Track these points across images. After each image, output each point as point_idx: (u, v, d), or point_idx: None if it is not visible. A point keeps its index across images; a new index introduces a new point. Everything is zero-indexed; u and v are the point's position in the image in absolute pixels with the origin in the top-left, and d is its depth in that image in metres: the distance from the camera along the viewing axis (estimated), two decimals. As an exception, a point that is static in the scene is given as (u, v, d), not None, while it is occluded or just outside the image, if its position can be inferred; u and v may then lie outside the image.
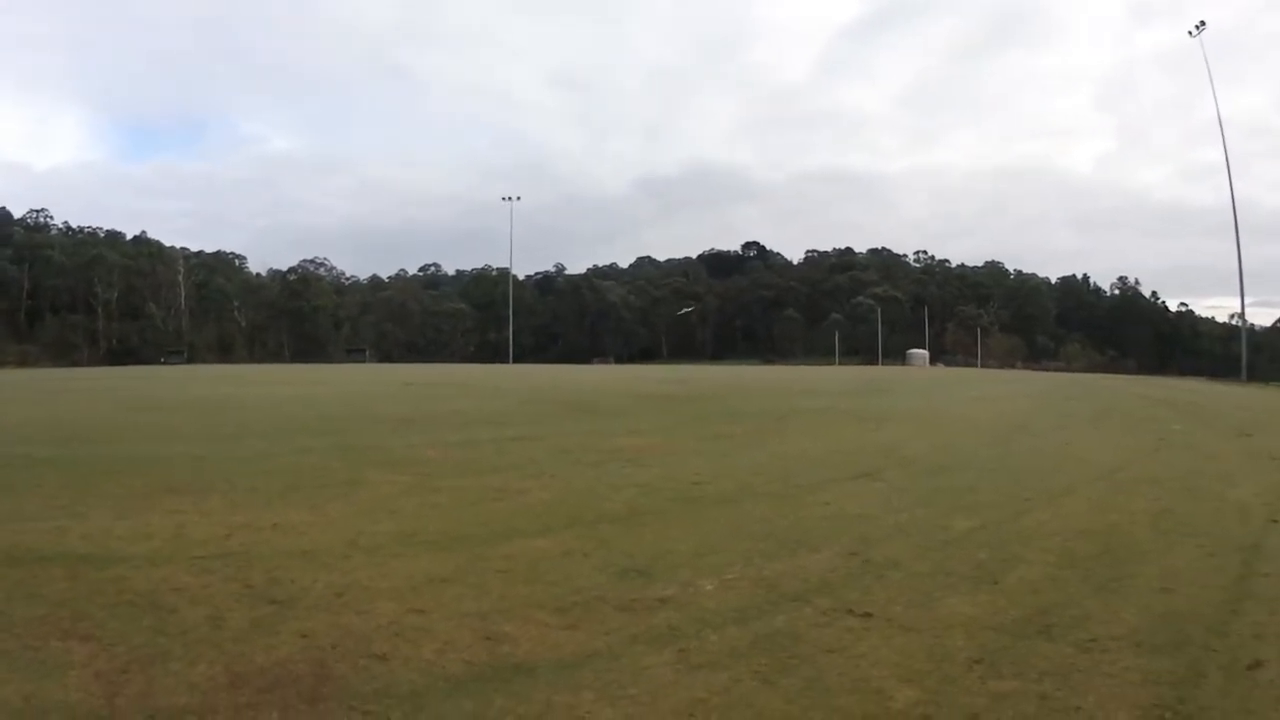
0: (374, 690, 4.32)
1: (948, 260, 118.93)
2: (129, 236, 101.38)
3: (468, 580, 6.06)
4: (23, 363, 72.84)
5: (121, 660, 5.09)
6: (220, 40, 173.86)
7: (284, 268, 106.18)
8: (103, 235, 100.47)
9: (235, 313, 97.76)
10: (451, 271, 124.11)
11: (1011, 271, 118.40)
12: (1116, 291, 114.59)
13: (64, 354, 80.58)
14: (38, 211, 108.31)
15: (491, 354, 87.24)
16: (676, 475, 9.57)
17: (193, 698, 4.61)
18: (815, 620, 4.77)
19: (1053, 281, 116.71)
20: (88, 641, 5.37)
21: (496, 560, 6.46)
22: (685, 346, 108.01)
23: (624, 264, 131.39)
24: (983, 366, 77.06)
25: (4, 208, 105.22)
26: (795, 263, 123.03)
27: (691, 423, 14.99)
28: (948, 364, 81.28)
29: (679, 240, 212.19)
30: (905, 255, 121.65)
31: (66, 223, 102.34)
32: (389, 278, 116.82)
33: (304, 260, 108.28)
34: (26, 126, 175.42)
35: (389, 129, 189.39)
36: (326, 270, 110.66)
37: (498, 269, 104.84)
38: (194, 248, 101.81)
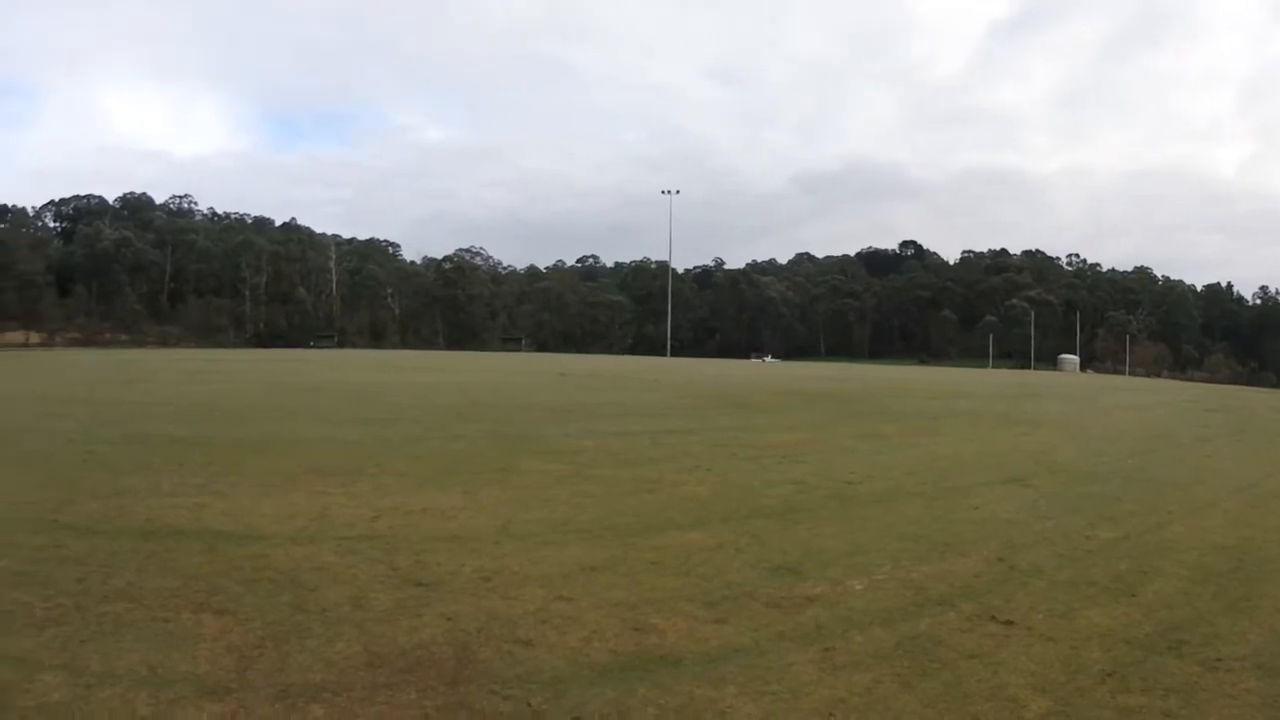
0: (516, 675, 7.00)
1: (1099, 264, 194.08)
2: (278, 223, 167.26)
3: (618, 570, 9.69)
4: (164, 343, 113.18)
5: (256, 635, 8.38)
6: (369, 32, 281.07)
7: (439, 256, 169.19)
8: (250, 221, 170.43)
9: (389, 299, 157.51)
10: (610, 263, 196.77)
11: (1159, 277, 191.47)
12: (1258, 301, 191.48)
13: (207, 335, 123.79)
14: (180, 197, 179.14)
15: (649, 347, 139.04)
16: (830, 473, 14.82)
17: (328, 675, 7.52)
18: (958, 625, 7.69)
19: (1198, 289, 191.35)
20: (221, 615, 8.90)
21: (648, 551, 10.30)
22: (842, 345, 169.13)
23: (783, 259, 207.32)
24: (1130, 374, 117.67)
25: (145, 193, 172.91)
26: (951, 262, 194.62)
27: (846, 421, 22.87)
28: (1096, 370, 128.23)
29: (838, 237, 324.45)
30: (1058, 258, 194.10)
31: (211, 209, 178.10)
32: (547, 268, 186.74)
33: (460, 249, 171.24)
34: (167, 116, 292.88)
35: (544, 121, 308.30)
36: (483, 259, 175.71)
37: (656, 262, 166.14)
38: (346, 235, 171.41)
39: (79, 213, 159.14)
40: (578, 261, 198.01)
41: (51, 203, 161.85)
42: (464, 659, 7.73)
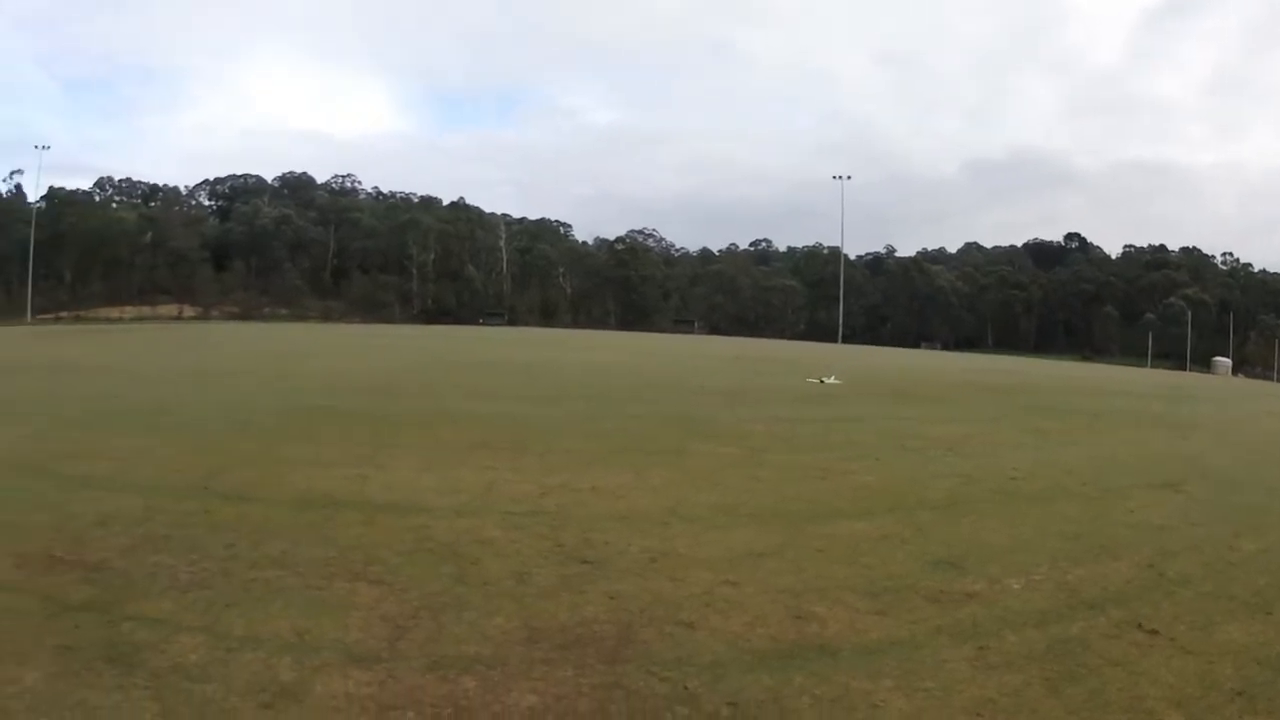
0: (676, 657, 7.69)
1: (1250, 264, 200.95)
2: (445, 203, 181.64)
3: (785, 556, 10.55)
4: (327, 318, 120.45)
5: (412, 606, 9.05)
6: (535, 14, 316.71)
7: (611, 237, 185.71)
8: (416, 200, 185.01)
9: (560, 278, 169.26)
10: (782, 248, 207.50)
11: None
12: None
13: (372, 311, 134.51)
14: (343, 177, 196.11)
15: (821, 332, 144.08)
16: (994, 467, 16.01)
17: (484, 648, 8.08)
18: (1107, 631, 8.31)
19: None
20: (377, 585, 9.65)
21: (815, 539, 11.24)
22: (1008, 337, 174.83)
23: (952, 248, 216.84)
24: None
25: (305, 173, 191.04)
26: (1113, 256, 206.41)
27: (1010, 415, 24.69)
28: (1246, 375, 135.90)
29: (1005, 226, 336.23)
30: (1213, 256, 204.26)
31: (376, 188, 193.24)
32: (719, 251, 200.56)
33: (632, 230, 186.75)
34: (329, 98, 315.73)
35: (715, 105, 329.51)
36: (655, 241, 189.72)
37: (829, 247, 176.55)
38: (515, 215, 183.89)
39: (235, 192, 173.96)
40: (750, 245, 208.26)
41: (206, 182, 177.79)
42: (625, 638, 8.16)
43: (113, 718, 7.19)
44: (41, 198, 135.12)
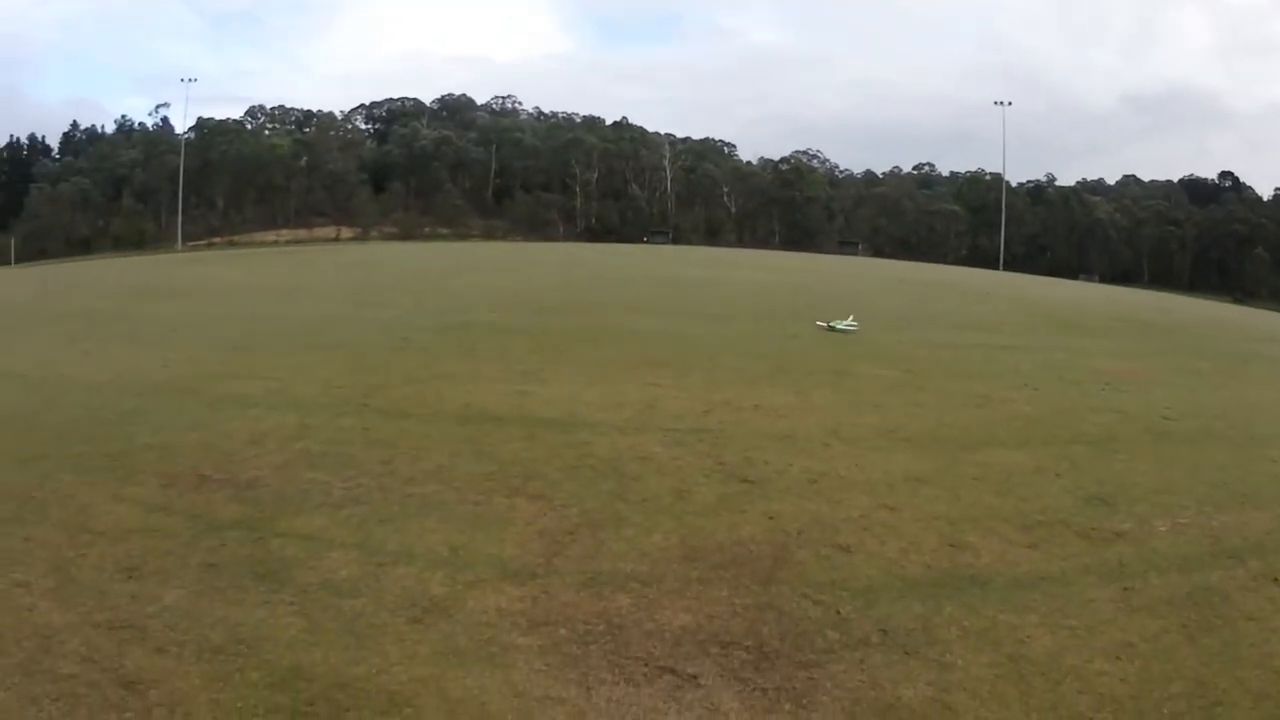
0: (830, 580, 8.16)
1: None
2: (608, 122, 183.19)
3: (942, 483, 10.96)
4: (489, 236, 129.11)
5: (571, 521, 9.34)
6: None
7: (775, 157, 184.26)
8: (578, 120, 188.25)
9: (724, 198, 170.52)
10: (945, 172, 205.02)
11: None
12: None
13: (536, 229, 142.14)
14: (503, 98, 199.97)
15: (982, 259, 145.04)
16: (1149, 405, 16.00)
17: (640, 565, 8.31)
18: (1244, 583, 8.41)
19: None
20: (536, 500, 9.99)
21: (971, 467, 11.64)
22: (1163, 273, 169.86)
23: (1110, 180, 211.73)
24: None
25: (464, 95, 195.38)
26: (1265, 199, 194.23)
27: (1166, 353, 24.24)
28: None
29: (1162, 161, 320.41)
30: None
31: (537, 108, 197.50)
32: (883, 174, 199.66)
33: (796, 151, 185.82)
34: (486, 20, 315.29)
35: (874, 25, 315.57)
36: (819, 162, 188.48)
37: (990, 173, 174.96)
38: (679, 134, 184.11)
39: (392, 115, 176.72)
40: (914, 168, 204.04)
41: (362, 106, 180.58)
42: (780, 559, 8.42)
43: (257, 633, 7.53)
44: (190, 128, 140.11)
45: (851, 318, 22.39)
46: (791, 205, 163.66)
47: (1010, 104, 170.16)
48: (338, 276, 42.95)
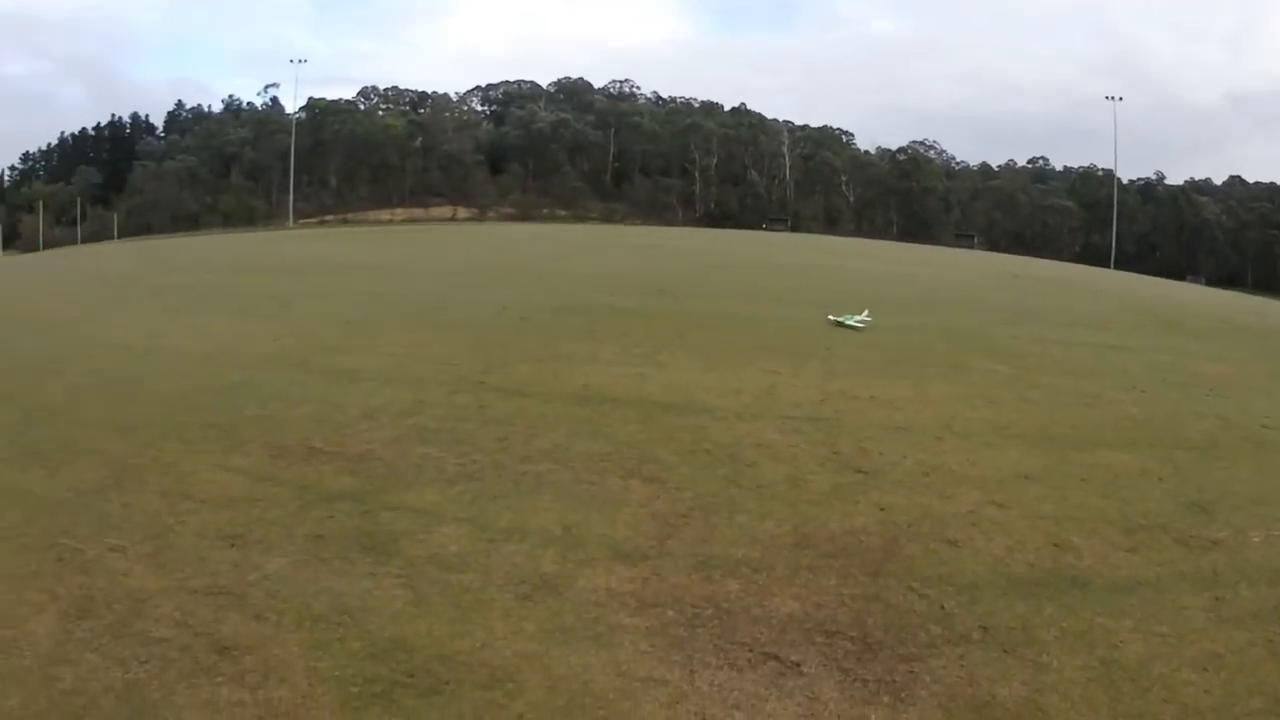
0: (937, 575, 8.34)
1: None
2: (726, 108, 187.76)
3: (1049, 482, 11.12)
4: (608, 219, 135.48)
5: (684, 504, 9.51)
6: None
7: (893, 147, 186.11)
8: (696, 105, 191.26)
9: (843, 187, 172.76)
10: (1059, 167, 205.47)
11: None
12: None
13: (654, 213, 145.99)
14: (620, 82, 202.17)
15: (1094, 256, 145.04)
16: (1249, 412, 15.65)
17: (752, 551, 8.45)
18: None
19: None
20: (651, 483, 10.16)
21: (1079, 467, 11.74)
22: (1269, 278, 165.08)
23: (1217, 179, 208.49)
24: None
25: (581, 78, 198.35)
26: None
27: (1264, 358, 23.52)
28: None
29: (1268, 161, 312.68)
30: None
31: (655, 93, 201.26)
32: (998, 166, 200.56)
33: (913, 141, 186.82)
34: (603, 4, 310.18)
35: (988, 17, 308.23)
36: (936, 153, 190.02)
37: (1103, 169, 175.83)
38: (798, 121, 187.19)
39: (509, 97, 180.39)
40: (1028, 162, 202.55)
41: (478, 88, 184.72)
42: (890, 551, 8.56)
43: (360, 604, 7.75)
44: (300, 108, 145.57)
45: (866, 312, 21.99)
46: (909, 196, 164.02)
47: (1120, 99, 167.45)
48: (455, 255, 43.55)
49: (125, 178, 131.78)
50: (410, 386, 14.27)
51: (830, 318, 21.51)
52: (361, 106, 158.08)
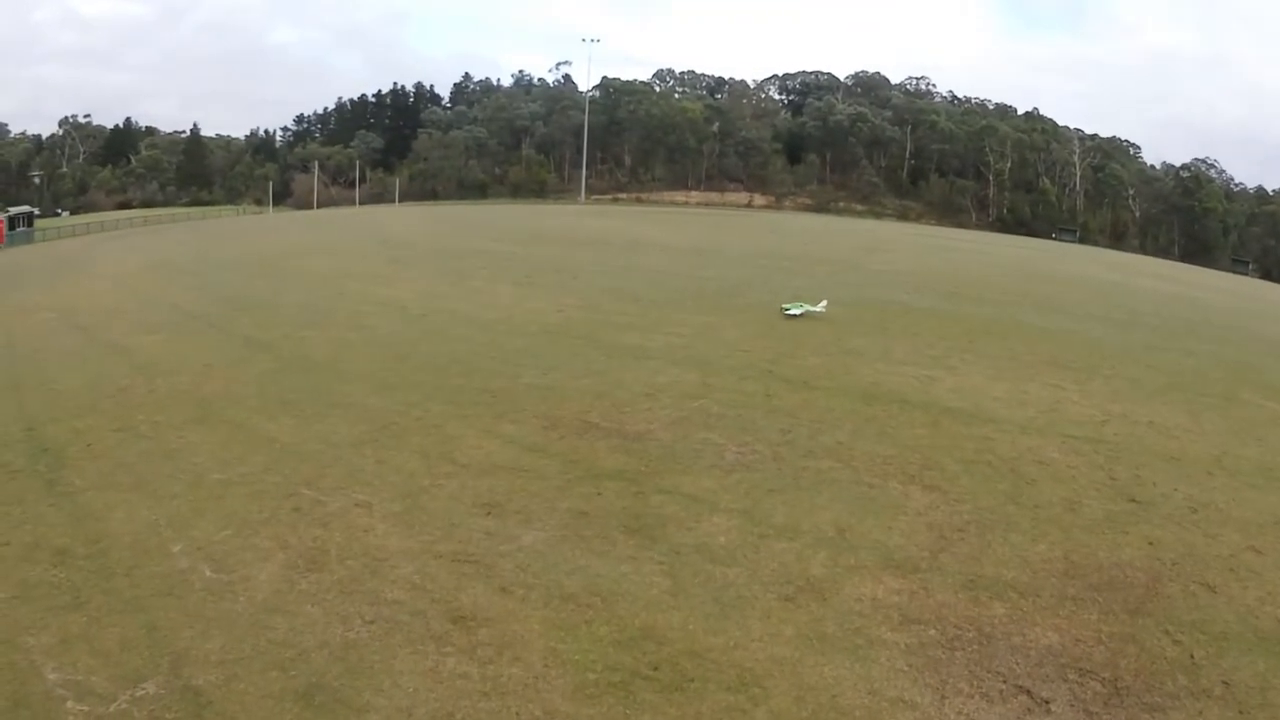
0: (1192, 620, 8.16)
1: None
2: (1019, 111, 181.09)
3: None
4: (903, 217, 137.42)
5: (962, 518, 9.28)
6: None
7: (1176, 163, 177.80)
8: (991, 107, 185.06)
9: (1129, 201, 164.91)
10: None
11: None
12: None
13: (948, 215, 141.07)
14: (918, 79, 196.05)
15: None
16: None
17: (1021, 574, 8.17)
18: None
19: None
20: (931, 491, 9.98)
21: None
22: None
23: None
24: None
25: (879, 73, 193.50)
26: None
27: None
28: None
29: None
30: None
31: (951, 91, 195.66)
32: (1274, 190, 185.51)
33: (1195, 159, 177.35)
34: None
35: (1272, 30, 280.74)
36: (1217, 173, 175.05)
37: None
38: (1086, 130, 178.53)
39: (807, 87, 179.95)
40: None
41: (775, 77, 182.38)
42: (1152, 590, 8.21)
43: (615, 588, 7.80)
44: (594, 87, 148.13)
45: (823, 303, 20.21)
46: (1190, 215, 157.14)
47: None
48: (750, 241, 43.80)
49: (408, 144, 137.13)
50: (696, 368, 14.44)
51: (784, 307, 20.20)
52: (657, 88, 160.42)
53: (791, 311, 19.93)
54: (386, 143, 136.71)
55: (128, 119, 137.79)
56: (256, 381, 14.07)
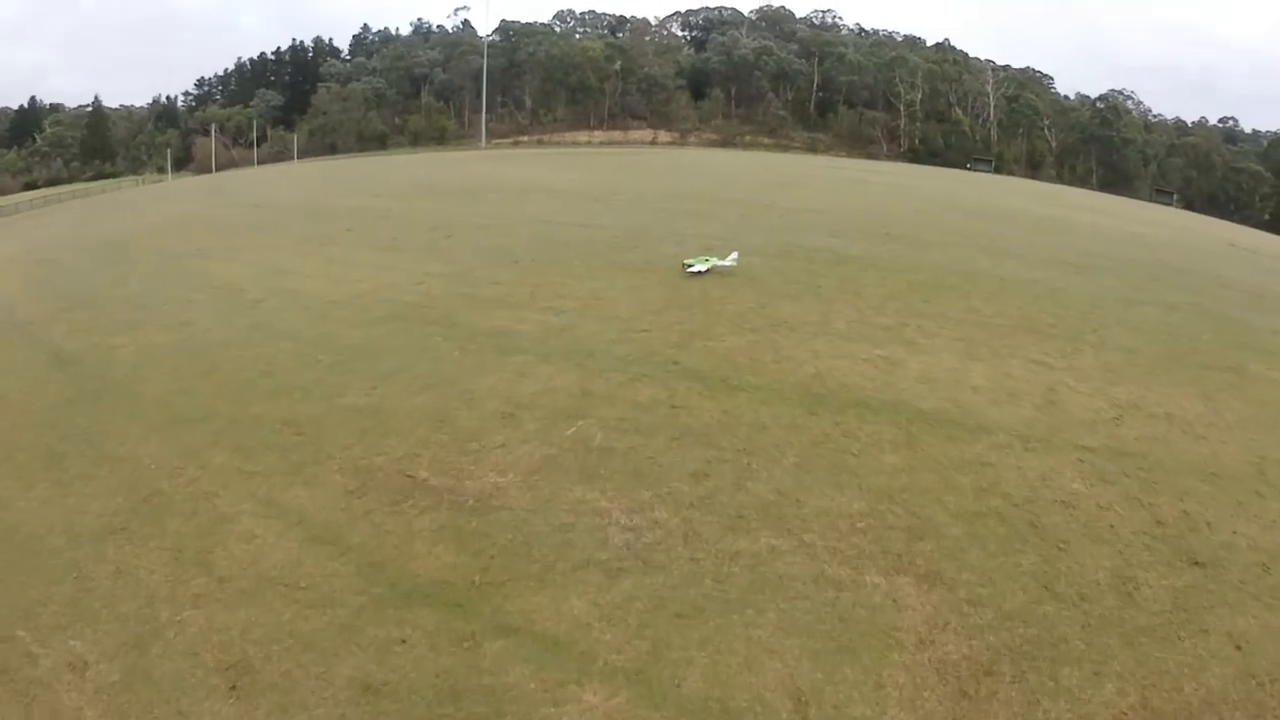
0: None
1: None
2: (929, 44, 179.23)
3: None
4: (811, 149, 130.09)
5: (985, 645, 6.57)
6: None
7: (1089, 94, 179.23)
8: (900, 39, 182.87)
9: (1045, 131, 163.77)
10: (1248, 129, 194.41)
11: None
12: None
13: (857, 146, 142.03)
14: (824, 12, 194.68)
15: None
16: None
17: None
18: None
19: None
20: (930, 587, 7.19)
21: None
22: None
23: None
24: None
25: (783, 7, 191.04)
26: None
27: None
28: None
29: None
30: None
31: (858, 24, 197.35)
32: (1191, 123, 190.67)
33: (1111, 89, 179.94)
34: None
35: None
36: (1133, 104, 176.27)
37: None
38: (999, 61, 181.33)
39: (710, 23, 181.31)
40: (1218, 121, 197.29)
41: (677, 13, 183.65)
42: None
43: None
44: (493, 31, 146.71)
45: (734, 255, 17.35)
46: (1109, 145, 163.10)
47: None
48: (652, 182, 40.22)
49: (308, 100, 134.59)
50: (576, 364, 11.28)
51: (686, 263, 17.15)
52: (557, 29, 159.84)
53: (695, 268, 16.75)
54: (287, 100, 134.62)
55: (33, 98, 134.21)
56: (38, 420, 11.08)
